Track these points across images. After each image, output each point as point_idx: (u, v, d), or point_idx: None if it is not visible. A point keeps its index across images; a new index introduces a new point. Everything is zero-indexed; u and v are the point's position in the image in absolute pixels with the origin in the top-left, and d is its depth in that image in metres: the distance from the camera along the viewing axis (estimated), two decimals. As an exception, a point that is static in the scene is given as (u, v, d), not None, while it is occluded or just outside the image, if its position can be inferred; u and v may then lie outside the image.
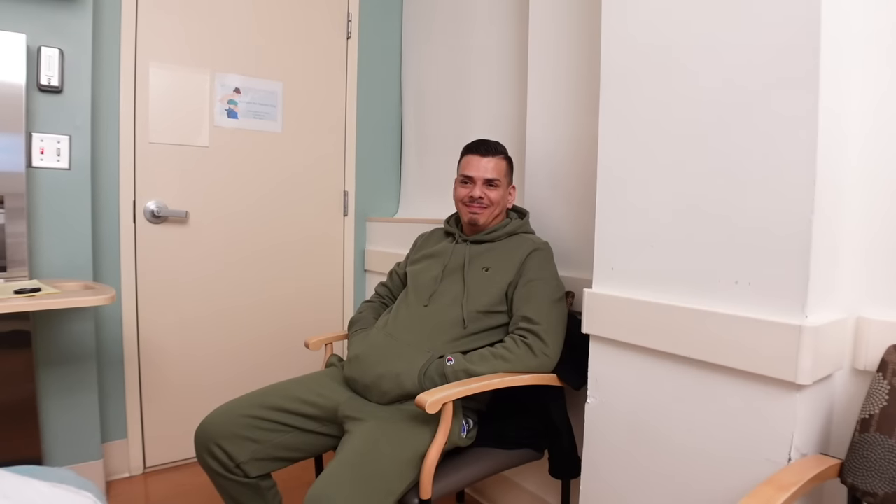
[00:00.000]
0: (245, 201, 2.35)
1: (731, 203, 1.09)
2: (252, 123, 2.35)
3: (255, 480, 1.43)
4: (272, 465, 1.45)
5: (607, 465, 1.34)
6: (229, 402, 1.48)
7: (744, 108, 1.06)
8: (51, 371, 1.88)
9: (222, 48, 2.25)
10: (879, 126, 1.06)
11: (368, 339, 1.56)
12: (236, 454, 1.39)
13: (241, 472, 1.40)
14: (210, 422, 1.43)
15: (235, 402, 1.48)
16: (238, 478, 1.41)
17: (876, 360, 1.01)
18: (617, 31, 1.31)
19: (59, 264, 1.89)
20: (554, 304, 1.48)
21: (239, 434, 1.40)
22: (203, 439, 1.41)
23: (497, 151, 1.63)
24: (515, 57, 2.05)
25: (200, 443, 1.41)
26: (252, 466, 1.41)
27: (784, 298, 1.01)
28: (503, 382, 1.36)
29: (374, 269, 2.62)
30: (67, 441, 1.93)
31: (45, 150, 1.83)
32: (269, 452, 1.43)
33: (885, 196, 1.06)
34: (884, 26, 1.05)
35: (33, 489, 0.90)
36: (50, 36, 1.82)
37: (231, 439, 1.39)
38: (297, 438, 1.46)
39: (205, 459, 1.41)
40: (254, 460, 1.41)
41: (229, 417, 1.42)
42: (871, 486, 0.95)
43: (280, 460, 1.45)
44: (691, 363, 1.15)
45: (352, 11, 2.57)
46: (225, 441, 1.39)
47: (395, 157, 2.79)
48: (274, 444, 1.43)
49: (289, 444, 1.45)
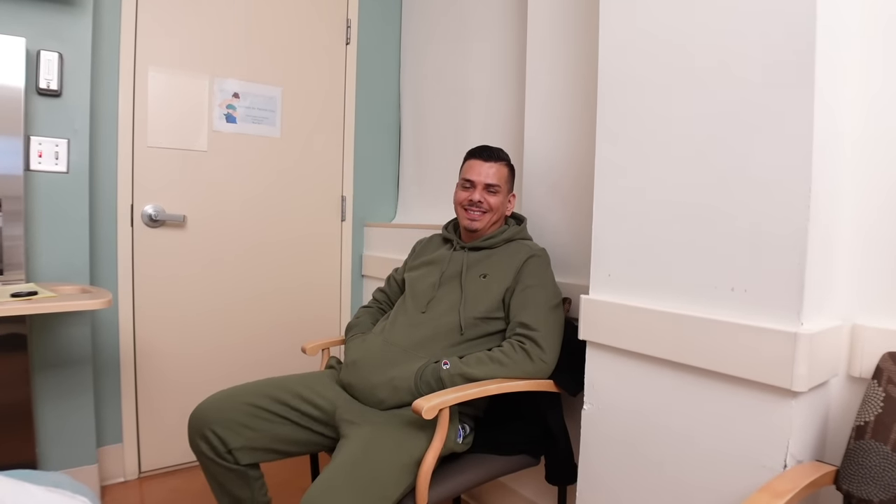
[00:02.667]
0: (243, 206, 2.35)
1: (727, 210, 1.09)
2: (251, 128, 2.35)
3: (245, 468, 1.43)
4: (265, 456, 1.44)
5: (603, 471, 1.34)
6: (228, 389, 1.48)
7: (740, 119, 1.07)
8: (47, 375, 1.87)
9: (221, 53, 2.26)
10: (873, 134, 1.07)
11: (365, 345, 1.56)
12: (230, 440, 1.39)
13: (231, 459, 1.40)
14: (207, 406, 1.43)
15: (234, 389, 1.48)
16: (228, 464, 1.40)
17: (871, 367, 1.02)
18: (615, 37, 1.32)
19: (57, 268, 1.88)
20: (551, 311, 1.48)
21: (236, 420, 1.40)
22: (198, 423, 1.41)
23: (499, 158, 1.64)
24: (513, 63, 2.06)
25: (194, 427, 1.41)
26: (244, 454, 1.41)
27: (780, 305, 1.01)
28: (500, 388, 1.36)
29: (372, 275, 2.62)
30: (63, 445, 1.92)
31: (44, 154, 1.84)
32: (263, 443, 1.42)
33: (879, 205, 1.06)
34: (880, 24, 1.06)
35: (28, 493, 0.89)
36: (49, 40, 1.82)
37: (227, 424, 1.39)
38: (294, 432, 1.46)
39: (197, 443, 1.41)
40: (247, 448, 1.41)
41: (228, 403, 1.43)
42: (867, 493, 0.95)
43: (273, 452, 1.45)
44: (688, 370, 1.15)
45: (351, 17, 2.58)
46: (220, 426, 1.39)
47: (393, 162, 2.80)
48: (270, 435, 1.43)
49: (285, 437, 1.45)
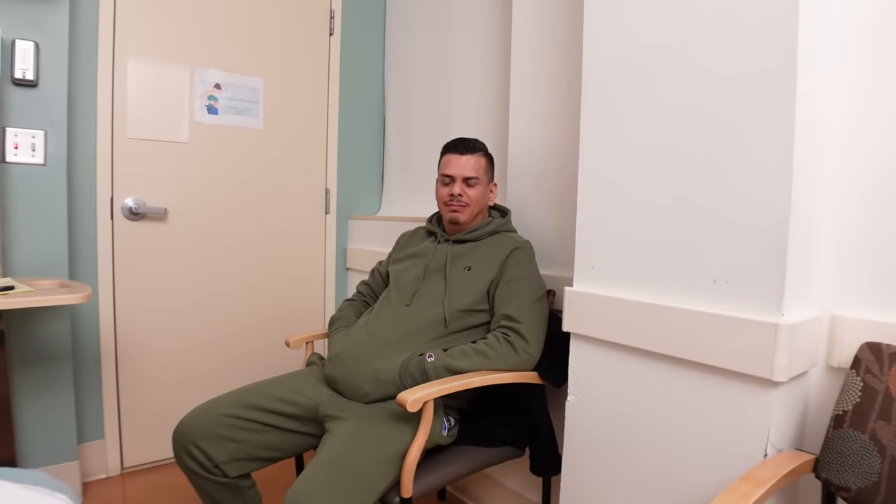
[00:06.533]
0: (225, 198, 2.33)
1: (708, 203, 1.10)
2: (233, 119, 2.32)
3: (235, 480, 1.42)
4: (252, 465, 1.43)
5: (587, 462, 1.35)
6: (208, 402, 1.46)
7: (721, 110, 1.07)
8: (25, 371, 1.84)
9: (202, 43, 2.22)
10: (853, 127, 1.08)
11: (349, 338, 1.55)
12: (214, 454, 1.37)
13: (219, 473, 1.39)
14: (188, 422, 1.41)
15: (214, 401, 1.46)
16: (217, 478, 1.39)
17: (849, 357, 1.03)
18: (599, 32, 1.32)
19: (34, 262, 1.85)
20: (535, 303, 1.48)
21: (218, 434, 1.39)
22: (181, 440, 1.39)
23: (475, 149, 1.63)
24: (498, 55, 2.05)
25: (178, 443, 1.40)
26: (231, 467, 1.40)
27: (761, 296, 1.02)
28: (484, 381, 1.36)
29: (356, 268, 2.61)
30: (43, 442, 1.89)
31: (20, 146, 1.79)
32: (248, 452, 1.41)
33: (858, 196, 1.08)
34: (863, 22, 1.07)
35: (5, 492, 0.88)
36: (25, 28, 1.78)
37: (210, 439, 1.38)
38: (278, 438, 1.44)
39: (183, 460, 1.39)
40: (233, 460, 1.40)
41: (208, 417, 1.41)
42: (845, 480, 0.96)
43: (260, 460, 1.44)
44: (670, 360, 1.16)
45: (334, 8, 2.55)
46: (203, 441, 1.37)
47: (377, 154, 2.78)
48: (254, 444, 1.42)
49: (269, 444, 1.44)
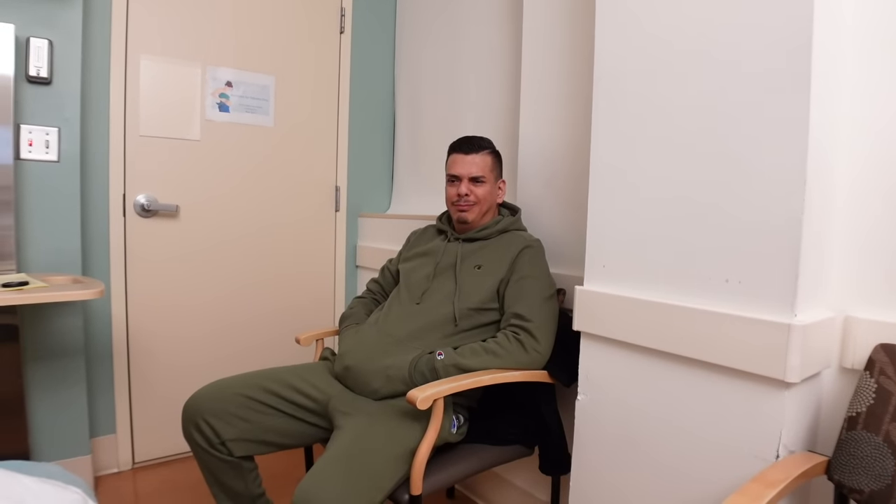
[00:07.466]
0: (236, 196, 2.34)
1: (721, 202, 1.09)
2: (244, 117, 2.33)
3: (239, 460, 1.43)
4: (257, 448, 1.44)
5: (597, 461, 1.34)
6: (221, 380, 1.48)
7: (735, 108, 1.07)
8: (39, 365, 1.86)
9: (214, 41, 2.24)
10: (869, 126, 1.07)
11: (360, 335, 1.56)
12: (223, 431, 1.38)
13: (225, 450, 1.40)
14: (200, 396, 1.42)
15: (228, 380, 1.48)
16: (221, 455, 1.40)
17: (863, 358, 1.02)
18: (610, 30, 1.31)
19: (48, 258, 1.87)
20: (545, 301, 1.48)
21: (230, 411, 1.40)
22: (191, 413, 1.40)
23: (481, 147, 1.62)
24: (509, 53, 2.04)
25: (188, 416, 1.41)
26: (237, 446, 1.41)
27: (773, 297, 1.01)
28: (494, 379, 1.36)
29: (366, 265, 2.61)
30: (55, 436, 1.91)
31: (34, 143, 1.81)
32: (257, 434, 1.42)
33: (874, 196, 1.06)
34: (875, 21, 1.06)
35: (21, 484, 0.89)
36: (39, 27, 1.79)
37: (220, 415, 1.39)
38: (288, 424, 1.45)
39: (190, 433, 1.41)
40: (241, 440, 1.41)
41: (221, 394, 1.42)
42: (858, 482, 0.95)
43: (266, 444, 1.45)
44: (682, 360, 1.16)
45: (345, 6, 2.55)
46: (213, 417, 1.39)
47: (387, 152, 2.78)
48: (263, 427, 1.43)
49: (278, 429, 1.44)
